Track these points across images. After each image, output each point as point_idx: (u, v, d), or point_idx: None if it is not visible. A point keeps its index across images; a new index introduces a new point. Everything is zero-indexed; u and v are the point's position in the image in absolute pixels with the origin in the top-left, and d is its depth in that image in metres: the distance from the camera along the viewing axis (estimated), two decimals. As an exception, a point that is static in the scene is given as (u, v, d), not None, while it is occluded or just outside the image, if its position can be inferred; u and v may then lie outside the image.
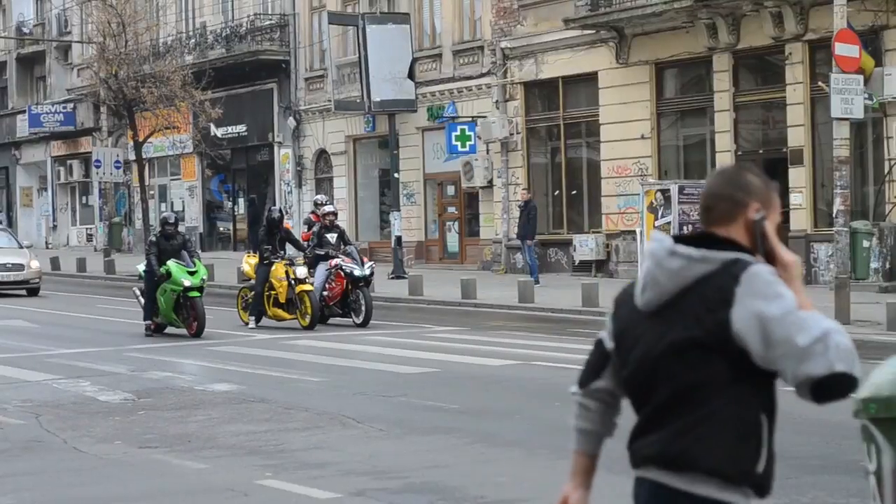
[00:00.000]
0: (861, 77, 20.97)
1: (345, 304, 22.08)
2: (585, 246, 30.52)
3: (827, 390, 3.38)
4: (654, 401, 3.54)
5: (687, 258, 3.52)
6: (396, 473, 9.61)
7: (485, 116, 33.28)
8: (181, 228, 23.02)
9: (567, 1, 30.70)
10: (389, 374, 15.48)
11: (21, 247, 33.00)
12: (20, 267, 31.15)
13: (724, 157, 27.86)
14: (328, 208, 23.35)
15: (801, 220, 26.53)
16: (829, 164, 23.51)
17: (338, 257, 22.10)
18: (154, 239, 21.03)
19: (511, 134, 32.92)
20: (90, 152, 47.21)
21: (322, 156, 40.28)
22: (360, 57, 34.88)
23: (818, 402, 3.45)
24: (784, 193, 27.08)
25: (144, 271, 21.08)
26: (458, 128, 33.51)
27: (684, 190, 23.16)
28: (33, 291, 31.06)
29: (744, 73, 28.24)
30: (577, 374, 3.84)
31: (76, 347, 19.39)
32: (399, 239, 32.76)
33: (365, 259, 23.10)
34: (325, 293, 21.92)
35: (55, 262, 40.35)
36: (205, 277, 20.80)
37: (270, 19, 41.32)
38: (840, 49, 20.37)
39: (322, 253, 22.17)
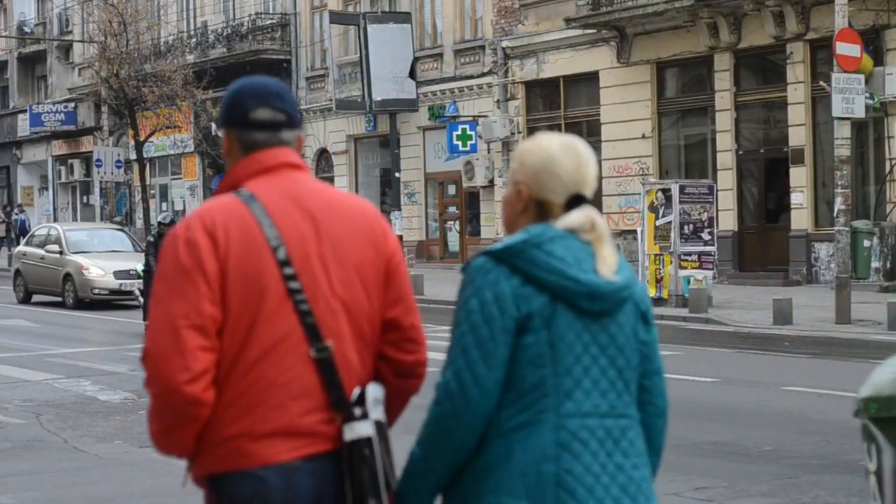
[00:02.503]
0: (862, 76, 20.97)
1: (346, 303, 22.01)
2: (586, 245, 30.45)
3: None
4: None
5: None
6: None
7: (486, 116, 33.26)
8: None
9: (568, 0, 30.70)
10: (390, 374, 15.42)
11: (139, 250, 28.49)
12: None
13: (726, 157, 27.88)
14: None
15: (802, 220, 26.50)
16: (830, 163, 23.49)
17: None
18: (152, 239, 21.04)
19: (512, 133, 32.89)
20: (91, 152, 47.21)
21: (323, 155, 40.27)
22: (361, 56, 34.90)
23: None
24: (785, 193, 27.09)
25: (144, 271, 21.09)
26: (459, 127, 33.50)
27: (685, 189, 23.10)
28: None
29: (745, 72, 28.22)
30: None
31: (77, 347, 19.39)
32: (400, 238, 32.74)
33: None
34: (325, 292, 21.87)
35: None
36: (205, 277, 20.73)
37: (272, 18, 41.33)
38: (841, 48, 20.35)
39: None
